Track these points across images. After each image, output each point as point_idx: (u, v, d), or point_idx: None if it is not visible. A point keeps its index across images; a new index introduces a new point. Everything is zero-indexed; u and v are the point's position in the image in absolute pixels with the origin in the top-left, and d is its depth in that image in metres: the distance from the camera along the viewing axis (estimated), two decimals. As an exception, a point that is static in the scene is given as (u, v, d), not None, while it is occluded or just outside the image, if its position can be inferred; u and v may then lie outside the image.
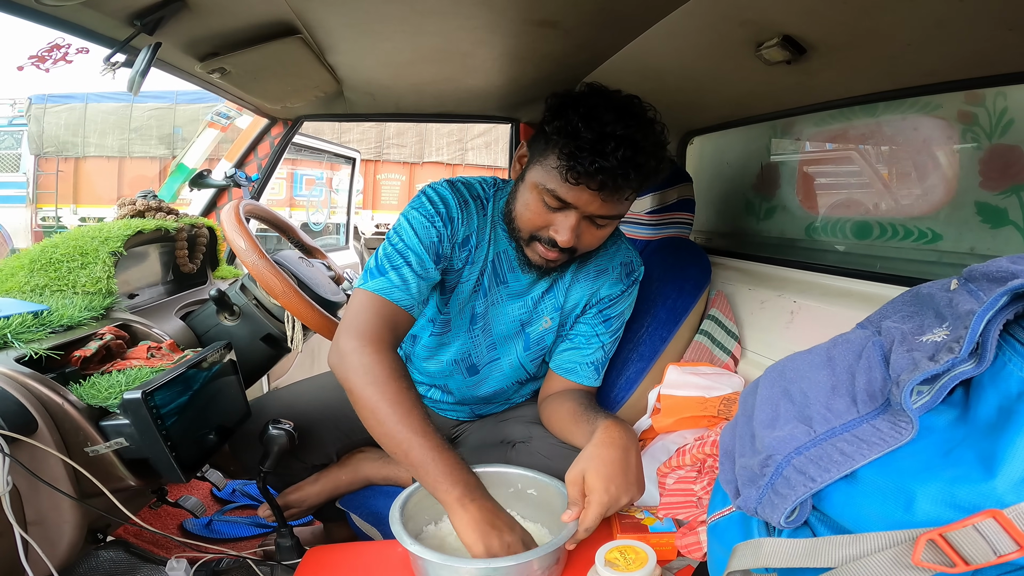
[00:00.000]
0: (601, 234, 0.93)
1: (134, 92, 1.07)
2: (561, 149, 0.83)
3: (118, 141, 7.33)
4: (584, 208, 0.86)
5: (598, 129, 0.81)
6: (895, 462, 0.41)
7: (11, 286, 1.06)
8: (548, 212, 0.89)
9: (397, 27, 1.10)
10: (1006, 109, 0.93)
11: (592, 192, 0.84)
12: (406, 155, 8.32)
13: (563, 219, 0.88)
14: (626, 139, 0.81)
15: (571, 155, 0.81)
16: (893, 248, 1.15)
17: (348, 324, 0.90)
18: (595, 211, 0.87)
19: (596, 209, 0.86)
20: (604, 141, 0.80)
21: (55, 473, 0.79)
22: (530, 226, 0.92)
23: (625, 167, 0.81)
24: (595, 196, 0.84)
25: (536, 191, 0.88)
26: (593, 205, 0.86)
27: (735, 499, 0.51)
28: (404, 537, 0.75)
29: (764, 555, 0.43)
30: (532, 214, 0.90)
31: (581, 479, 0.80)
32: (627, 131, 0.81)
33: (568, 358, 1.08)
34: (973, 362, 0.42)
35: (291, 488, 1.16)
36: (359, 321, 0.89)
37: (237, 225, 1.17)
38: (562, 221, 0.88)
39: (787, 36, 0.92)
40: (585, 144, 0.81)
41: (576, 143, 0.81)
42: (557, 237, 0.89)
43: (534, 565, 0.73)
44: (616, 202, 0.87)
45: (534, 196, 0.89)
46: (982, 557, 0.33)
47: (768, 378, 0.57)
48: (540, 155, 0.88)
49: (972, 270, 0.50)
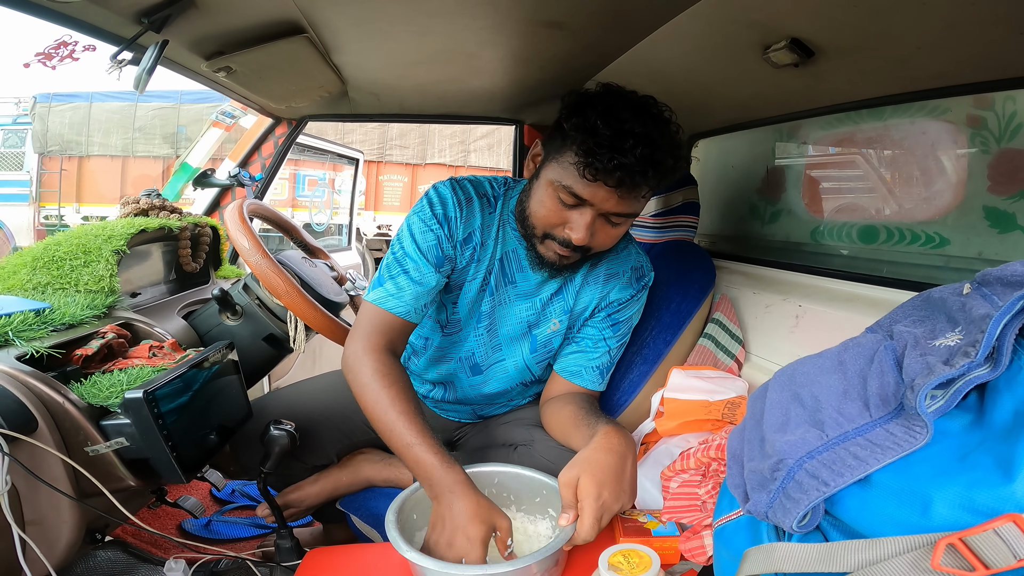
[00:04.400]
0: (615, 233, 0.93)
1: (140, 90, 1.07)
2: (579, 146, 0.83)
3: (122, 140, 7.34)
4: (600, 205, 0.86)
5: (616, 126, 0.81)
6: (910, 466, 0.40)
7: (13, 284, 1.06)
8: (563, 210, 0.89)
9: (403, 27, 1.10)
10: (1015, 113, 0.92)
11: (609, 189, 0.84)
12: (409, 156, 8.32)
13: (578, 217, 0.88)
14: (644, 137, 0.81)
15: (589, 151, 0.81)
16: (900, 252, 1.14)
17: (352, 332, 0.98)
18: (611, 208, 0.87)
19: (612, 207, 0.87)
20: (623, 138, 0.80)
21: (54, 473, 0.78)
22: (545, 224, 0.92)
23: (643, 164, 0.81)
24: (612, 193, 0.85)
25: (552, 188, 0.88)
26: (610, 202, 0.86)
27: (744, 503, 0.51)
28: (400, 543, 0.74)
29: (777, 560, 0.42)
30: (547, 212, 0.90)
31: (575, 482, 0.79)
32: (645, 129, 0.82)
33: (573, 361, 1.07)
34: (989, 366, 0.41)
35: (290, 488, 1.15)
36: (359, 329, 0.97)
37: (240, 224, 1.17)
38: (577, 219, 0.88)
39: (795, 39, 0.92)
40: (604, 141, 0.81)
41: (595, 139, 0.81)
42: (572, 235, 0.89)
43: (532, 569, 0.72)
44: (632, 200, 0.87)
45: (549, 193, 0.89)
46: (1002, 561, 0.33)
47: (777, 382, 0.56)
48: (556, 153, 0.88)
49: (986, 274, 0.50)
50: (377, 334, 0.95)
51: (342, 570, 0.83)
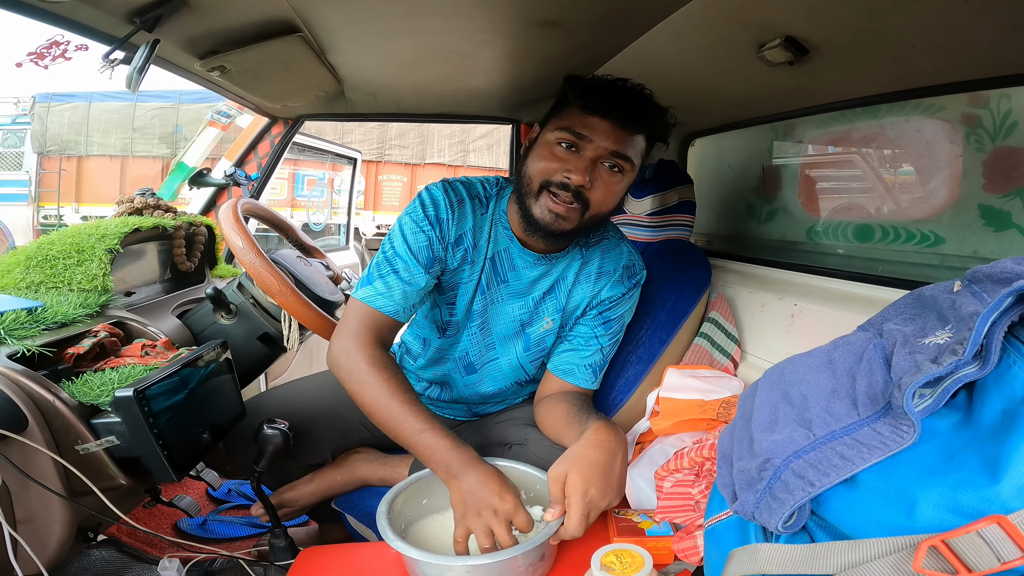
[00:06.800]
0: (613, 189, 0.94)
1: (133, 90, 1.06)
2: (578, 93, 0.92)
3: (121, 140, 7.35)
4: (599, 142, 0.90)
5: (611, 82, 0.93)
6: (896, 466, 0.40)
7: (7, 282, 1.05)
8: (561, 157, 0.92)
9: (399, 27, 1.10)
10: (1010, 111, 0.92)
11: (607, 123, 0.89)
12: (408, 156, 8.32)
13: (577, 159, 0.91)
14: (636, 90, 0.93)
15: (588, 93, 0.91)
16: (895, 251, 1.14)
17: (339, 327, 0.98)
18: (610, 146, 0.90)
19: (611, 143, 0.90)
20: (618, 87, 0.92)
21: (45, 471, 0.78)
22: (542, 174, 0.93)
23: (638, 102, 0.91)
24: (611, 128, 0.89)
25: (552, 139, 0.93)
26: (608, 139, 0.90)
27: (732, 503, 0.50)
28: (389, 534, 0.75)
29: (761, 561, 0.42)
30: (545, 162, 0.93)
31: (564, 478, 0.80)
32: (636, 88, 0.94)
33: (566, 359, 1.07)
34: (977, 364, 0.41)
35: (285, 487, 1.15)
36: (345, 325, 0.97)
37: (235, 223, 1.17)
38: (575, 161, 0.91)
39: (789, 37, 0.92)
40: (601, 86, 0.91)
41: (594, 85, 0.92)
42: (572, 177, 0.91)
43: (518, 560, 0.72)
44: (630, 142, 0.92)
45: (548, 145, 0.93)
46: (986, 564, 0.32)
47: (767, 381, 0.56)
48: (553, 116, 0.95)
49: (976, 272, 0.49)
50: (366, 331, 0.96)
51: (335, 569, 0.83)
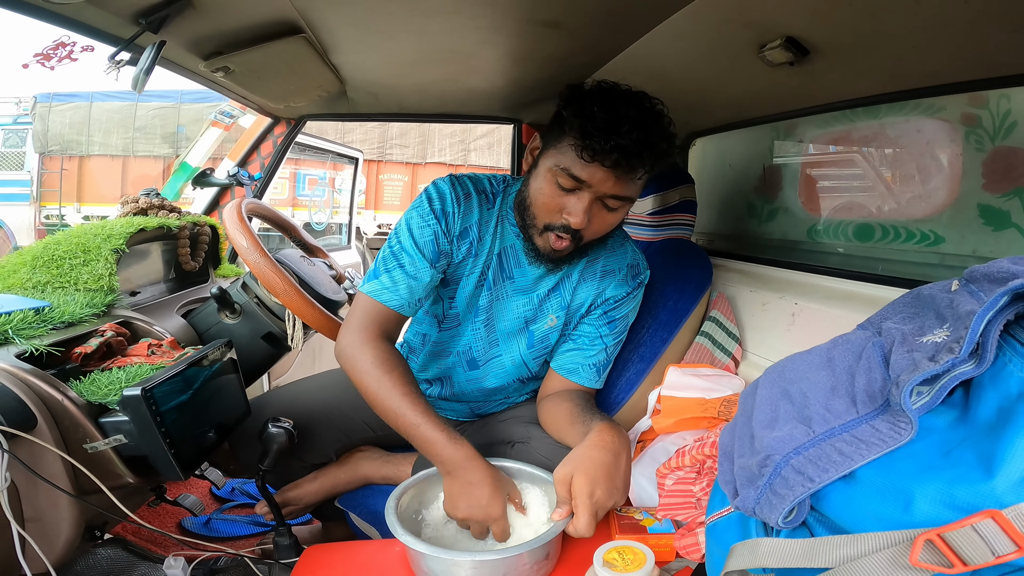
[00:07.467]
0: (611, 220, 0.94)
1: (138, 91, 1.07)
2: (577, 130, 0.86)
3: (122, 140, 7.36)
4: (598, 187, 0.88)
5: (612, 112, 0.85)
6: (894, 463, 0.40)
7: (13, 282, 1.06)
8: (561, 195, 0.90)
9: (401, 27, 1.10)
10: (1009, 111, 0.92)
11: (606, 170, 0.86)
12: (409, 155, 8.33)
13: (576, 201, 0.90)
14: (639, 121, 0.85)
15: (587, 134, 0.85)
16: (895, 250, 1.14)
17: (346, 321, 0.99)
18: (608, 190, 0.88)
19: (609, 188, 0.88)
20: (619, 122, 0.84)
21: (53, 470, 0.79)
22: (544, 212, 0.93)
23: (639, 146, 0.85)
24: (609, 174, 0.87)
25: (550, 174, 0.90)
26: (607, 184, 0.88)
27: (733, 499, 0.51)
28: (397, 528, 0.76)
29: (761, 555, 0.42)
30: (546, 198, 0.92)
31: (569, 479, 0.80)
32: (640, 115, 0.86)
33: (570, 358, 1.08)
34: (973, 362, 0.42)
35: (289, 486, 1.16)
36: (354, 320, 0.98)
37: (239, 223, 1.18)
38: (575, 203, 0.90)
39: (790, 37, 0.92)
40: (600, 123, 0.84)
41: (592, 123, 0.85)
42: (570, 219, 0.90)
43: (524, 558, 0.73)
44: (629, 182, 0.89)
45: (548, 179, 0.91)
46: (980, 558, 0.33)
47: (767, 379, 0.57)
48: (555, 141, 0.91)
49: (973, 271, 0.50)
50: (373, 325, 0.97)
51: (339, 567, 0.84)
